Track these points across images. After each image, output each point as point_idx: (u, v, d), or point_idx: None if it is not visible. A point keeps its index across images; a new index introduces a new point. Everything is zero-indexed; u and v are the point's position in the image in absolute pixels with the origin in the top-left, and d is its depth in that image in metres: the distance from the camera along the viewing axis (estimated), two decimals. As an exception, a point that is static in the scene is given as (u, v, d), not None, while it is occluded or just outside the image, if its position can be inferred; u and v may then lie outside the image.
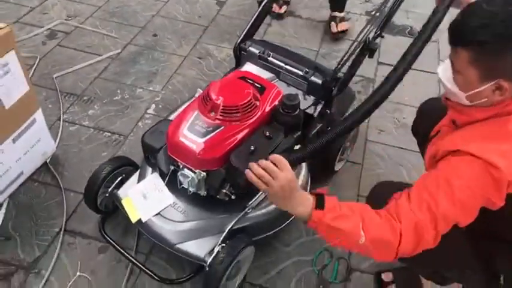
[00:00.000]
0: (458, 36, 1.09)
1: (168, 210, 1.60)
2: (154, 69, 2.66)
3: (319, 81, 1.80)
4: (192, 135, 1.50)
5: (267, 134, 1.53)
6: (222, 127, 1.51)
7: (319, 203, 1.12)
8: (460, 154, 1.09)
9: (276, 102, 1.63)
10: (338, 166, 2.10)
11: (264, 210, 1.64)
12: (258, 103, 1.58)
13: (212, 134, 1.50)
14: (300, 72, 1.84)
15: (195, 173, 1.51)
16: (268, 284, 1.68)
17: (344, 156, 2.13)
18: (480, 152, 1.05)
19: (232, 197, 1.53)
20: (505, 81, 1.06)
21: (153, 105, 2.41)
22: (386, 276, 1.69)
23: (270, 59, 1.91)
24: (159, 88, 2.53)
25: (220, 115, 1.51)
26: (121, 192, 1.68)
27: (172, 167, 1.59)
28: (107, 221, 1.78)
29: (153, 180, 1.66)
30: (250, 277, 1.69)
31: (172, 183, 1.62)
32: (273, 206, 1.65)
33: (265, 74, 1.90)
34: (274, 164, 1.15)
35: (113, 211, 1.78)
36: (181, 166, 1.55)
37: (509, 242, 1.26)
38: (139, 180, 1.69)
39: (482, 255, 1.30)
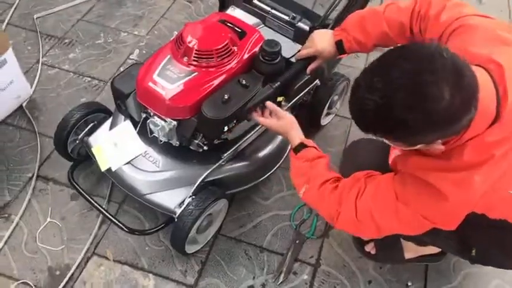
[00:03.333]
0: (365, 130, 0.97)
1: (139, 159, 1.53)
2: (140, 12, 2.52)
3: (307, 28, 1.67)
4: (163, 80, 1.40)
5: (243, 82, 1.43)
6: (195, 73, 1.41)
7: (297, 149, 1.31)
8: (413, 180, 1.06)
9: (256, 49, 1.52)
10: (326, 120, 2.01)
11: (240, 164, 1.58)
12: (235, 49, 1.47)
13: (184, 80, 1.40)
14: (286, 18, 1.71)
15: (165, 121, 1.43)
16: (242, 237, 1.64)
17: (333, 111, 2.03)
18: (433, 181, 1.01)
19: (205, 148, 1.46)
20: (440, 142, 0.95)
21: (137, 51, 2.29)
22: (365, 235, 1.64)
23: (255, 2, 1.77)
24: (144, 32, 2.40)
25: (194, 60, 1.41)
26: (92, 139, 1.61)
27: (144, 115, 1.51)
28: (81, 169, 1.73)
29: (124, 128, 1.58)
30: (225, 230, 1.65)
31: (145, 131, 1.54)
32: (249, 160, 1.59)
33: (249, 19, 1.77)
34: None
35: (85, 158, 1.72)
36: (152, 114, 1.46)
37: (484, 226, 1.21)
38: (111, 128, 1.62)
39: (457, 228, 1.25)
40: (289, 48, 1.60)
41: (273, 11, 1.74)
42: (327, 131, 2.00)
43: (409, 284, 1.57)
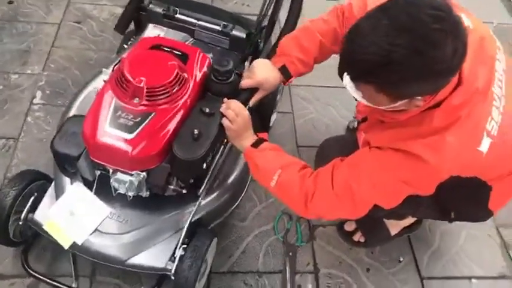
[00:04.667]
0: (356, 74, 0.97)
1: (105, 223, 1.33)
2: (24, 46, 2.16)
3: (243, 35, 1.58)
4: (118, 131, 1.21)
5: (207, 110, 1.31)
6: (153, 113, 1.24)
7: (257, 143, 1.29)
8: (389, 150, 1.08)
9: (205, 69, 1.39)
10: (272, 120, 1.96)
11: (216, 193, 1.46)
12: (185, 75, 1.33)
13: (142, 126, 1.22)
14: (218, 27, 1.60)
15: (131, 175, 1.25)
16: (235, 267, 1.55)
17: (276, 110, 1.99)
18: (410, 148, 1.04)
19: (184, 191, 1.32)
20: (418, 97, 0.98)
21: (39, 92, 1.97)
22: (349, 226, 1.66)
23: (178, 16, 1.62)
24: (39, 69, 2.06)
25: (147, 100, 1.24)
26: (38, 215, 1.35)
27: (98, 172, 1.31)
28: (29, 251, 1.45)
29: (77, 193, 1.36)
30: (215, 266, 1.53)
31: (103, 189, 1.34)
32: (223, 188, 1.48)
33: (176, 36, 1.62)
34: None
35: (33, 238, 1.44)
36: (111, 170, 1.27)
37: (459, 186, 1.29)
38: (58, 196, 1.37)
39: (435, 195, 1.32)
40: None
41: (201, 23, 1.61)
42: (274, 130, 1.96)
43: (401, 259, 1.64)
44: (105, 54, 2.14)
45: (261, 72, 1.37)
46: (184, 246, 1.32)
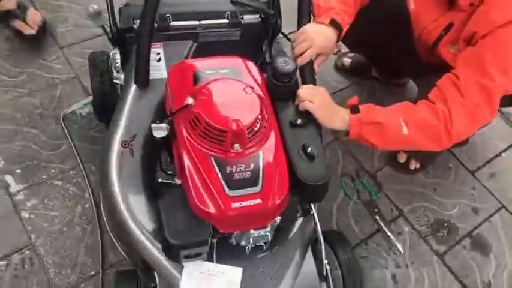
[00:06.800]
0: None
1: (247, 283, 1.17)
2: None
3: (257, 19, 1.37)
4: (242, 191, 1.02)
5: (298, 121, 1.16)
6: (260, 152, 1.06)
7: (354, 109, 1.18)
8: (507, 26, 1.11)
9: (257, 75, 1.20)
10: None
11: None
12: (260, 93, 1.14)
13: (261, 170, 1.05)
14: (225, 20, 1.36)
15: (265, 226, 1.10)
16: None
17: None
18: None
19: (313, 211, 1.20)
20: None
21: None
22: (402, 159, 1.70)
23: (174, 23, 1.33)
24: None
25: (250, 140, 1.04)
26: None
27: (215, 240, 1.12)
28: None
29: (194, 271, 1.15)
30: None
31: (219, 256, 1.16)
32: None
33: (180, 46, 1.35)
34: None
35: None
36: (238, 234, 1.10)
37: None
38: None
39: None
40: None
41: (203, 22, 1.35)
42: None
43: (450, 165, 1.79)
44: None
45: (317, 35, 1.25)
46: (326, 261, 1.25)
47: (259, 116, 1.06)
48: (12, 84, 1.71)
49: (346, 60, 1.96)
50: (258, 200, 1.02)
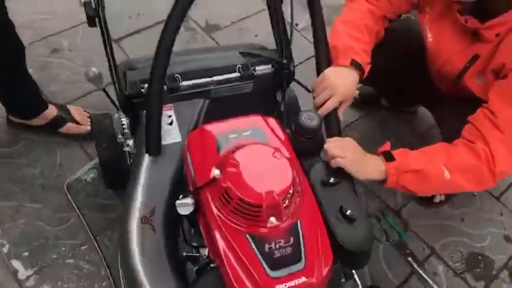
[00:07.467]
0: None
1: None
2: None
3: (270, 69, 1.30)
4: (286, 270, 0.93)
5: (331, 180, 1.08)
6: (297, 222, 0.98)
7: (388, 157, 1.12)
8: None
9: (280, 133, 1.12)
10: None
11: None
12: (287, 154, 1.06)
13: (302, 243, 0.96)
14: (236, 74, 1.28)
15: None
16: None
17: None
18: None
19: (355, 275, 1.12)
20: None
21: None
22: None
23: (184, 83, 1.25)
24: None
25: (286, 211, 0.96)
26: None
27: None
28: None
29: None
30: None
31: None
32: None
33: (192, 106, 1.27)
34: None
35: None
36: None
37: None
38: None
39: None
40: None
41: (214, 78, 1.27)
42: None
43: (475, 193, 1.72)
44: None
45: (338, 81, 1.17)
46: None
47: (293, 183, 0.98)
48: (8, 155, 1.60)
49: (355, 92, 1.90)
50: (304, 279, 0.93)
